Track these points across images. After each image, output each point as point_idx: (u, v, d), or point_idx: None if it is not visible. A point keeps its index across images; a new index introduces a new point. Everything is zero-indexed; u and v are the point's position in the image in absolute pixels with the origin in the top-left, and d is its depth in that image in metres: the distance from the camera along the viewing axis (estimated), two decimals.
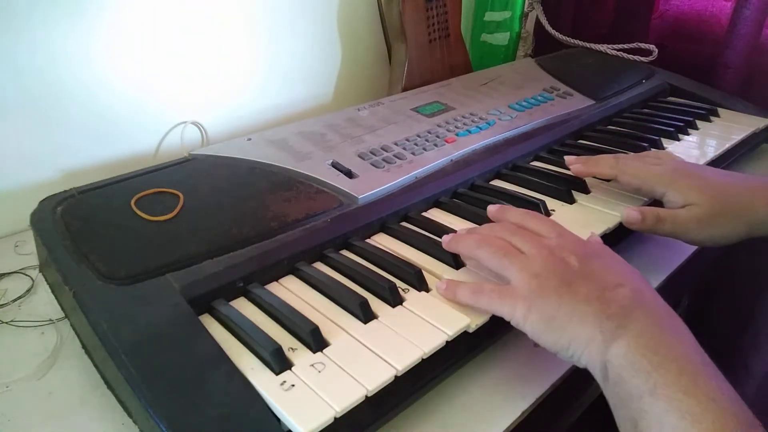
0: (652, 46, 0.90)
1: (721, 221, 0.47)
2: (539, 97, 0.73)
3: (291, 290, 0.42)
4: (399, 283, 0.42)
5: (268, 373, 0.34)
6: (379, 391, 0.33)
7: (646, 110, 0.79)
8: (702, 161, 0.63)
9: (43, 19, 0.56)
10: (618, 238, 0.50)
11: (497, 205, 0.46)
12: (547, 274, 0.37)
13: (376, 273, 0.43)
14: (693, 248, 0.55)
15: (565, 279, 0.36)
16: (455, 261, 0.44)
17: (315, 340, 0.36)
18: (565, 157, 0.57)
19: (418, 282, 0.42)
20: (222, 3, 0.69)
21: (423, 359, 0.36)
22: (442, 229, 0.48)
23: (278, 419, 0.32)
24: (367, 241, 0.48)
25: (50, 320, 0.46)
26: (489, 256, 0.40)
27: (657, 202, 0.51)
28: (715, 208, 0.47)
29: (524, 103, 0.71)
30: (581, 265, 0.37)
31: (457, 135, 0.62)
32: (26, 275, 0.52)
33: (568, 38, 0.98)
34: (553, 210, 0.53)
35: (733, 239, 0.48)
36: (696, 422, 0.29)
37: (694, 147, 0.68)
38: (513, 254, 0.39)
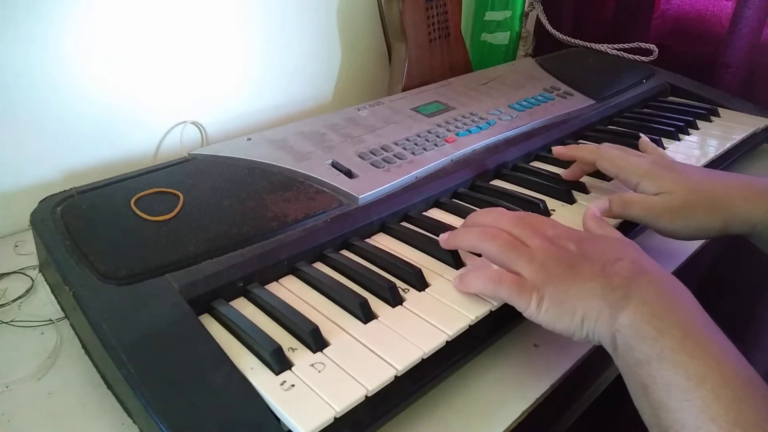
0: (652, 46, 0.89)
1: (695, 213, 0.47)
2: (539, 97, 0.73)
3: (291, 290, 0.42)
4: (399, 283, 0.42)
5: (268, 373, 0.34)
6: (379, 391, 0.33)
7: (646, 110, 0.79)
8: (702, 161, 0.63)
9: (41, 18, 0.56)
10: None
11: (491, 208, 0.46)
12: (553, 262, 0.38)
13: (376, 273, 0.43)
14: (693, 249, 0.55)
15: (569, 263, 0.37)
16: (455, 261, 0.44)
17: (315, 340, 0.36)
18: (553, 148, 0.57)
19: (418, 282, 0.42)
20: (222, 2, 0.69)
21: (423, 359, 0.36)
22: (442, 229, 0.48)
23: (278, 419, 0.32)
24: (367, 241, 0.48)
25: (50, 320, 0.46)
26: (497, 250, 0.40)
27: None
28: (690, 199, 0.47)
29: (524, 103, 0.71)
30: (579, 249, 0.38)
31: (457, 135, 0.62)
32: (26, 275, 0.52)
33: (568, 38, 0.98)
34: (553, 210, 0.53)
35: (707, 234, 0.48)
36: (701, 383, 0.30)
37: (695, 147, 0.68)
38: (520, 248, 0.39)
